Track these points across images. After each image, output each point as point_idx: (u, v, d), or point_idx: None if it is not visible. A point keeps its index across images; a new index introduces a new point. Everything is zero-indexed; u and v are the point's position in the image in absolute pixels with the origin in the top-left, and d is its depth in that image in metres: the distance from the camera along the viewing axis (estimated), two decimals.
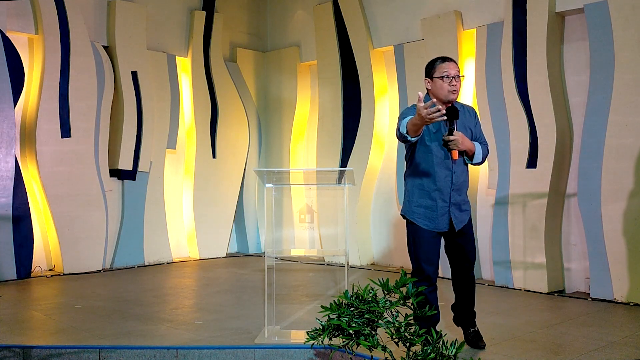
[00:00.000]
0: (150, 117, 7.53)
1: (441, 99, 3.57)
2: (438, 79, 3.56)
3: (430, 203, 3.61)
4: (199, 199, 8.09)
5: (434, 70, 3.60)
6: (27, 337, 4.20)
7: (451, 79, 3.53)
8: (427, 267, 3.62)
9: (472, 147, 3.59)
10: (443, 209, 3.61)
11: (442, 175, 3.59)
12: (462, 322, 3.92)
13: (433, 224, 3.62)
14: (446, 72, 3.54)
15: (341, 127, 7.66)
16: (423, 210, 3.62)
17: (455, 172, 3.61)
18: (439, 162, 3.59)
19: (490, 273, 6.31)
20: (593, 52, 5.46)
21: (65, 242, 6.77)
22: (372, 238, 7.62)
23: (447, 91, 3.54)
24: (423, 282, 3.55)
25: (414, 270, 3.69)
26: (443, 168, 3.59)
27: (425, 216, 3.62)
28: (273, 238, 4.46)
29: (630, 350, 3.79)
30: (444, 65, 3.57)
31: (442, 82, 3.55)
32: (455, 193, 3.63)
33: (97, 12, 7.32)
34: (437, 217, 3.61)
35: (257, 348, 3.79)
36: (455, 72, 3.56)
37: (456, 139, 3.49)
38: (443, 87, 3.55)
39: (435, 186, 3.60)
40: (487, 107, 6.20)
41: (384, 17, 7.36)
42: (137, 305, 5.21)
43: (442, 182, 3.59)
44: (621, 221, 5.22)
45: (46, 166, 6.67)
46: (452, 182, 3.60)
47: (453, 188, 3.60)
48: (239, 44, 8.81)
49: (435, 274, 3.68)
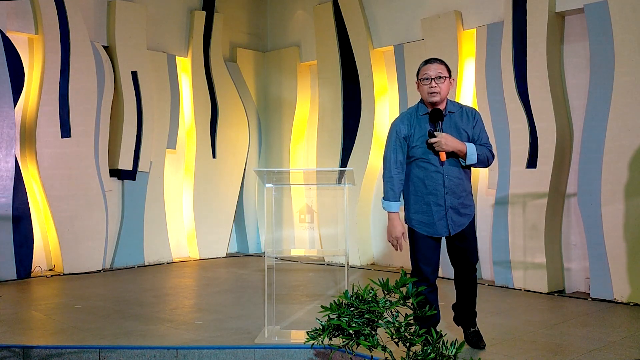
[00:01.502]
0: (150, 117, 7.53)
1: (425, 101, 3.62)
2: (420, 81, 3.61)
3: (425, 208, 3.61)
4: (199, 199, 8.09)
5: (419, 73, 3.64)
6: (27, 337, 4.19)
7: (430, 80, 3.54)
8: (425, 268, 3.62)
9: (461, 148, 3.54)
10: (439, 213, 3.59)
11: (433, 178, 3.58)
12: (462, 321, 3.92)
13: (432, 230, 3.62)
14: (425, 74, 3.57)
15: (341, 127, 7.66)
16: (420, 216, 3.63)
17: (446, 175, 3.57)
18: (429, 166, 3.59)
19: (490, 273, 6.31)
20: (593, 52, 5.46)
21: (65, 242, 6.77)
22: (372, 238, 7.62)
23: (427, 93, 3.56)
24: (422, 283, 3.56)
25: (412, 271, 3.70)
26: (433, 172, 3.58)
27: (423, 222, 3.62)
28: (273, 238, 4.46)
29: (630, 350, 3.79)
30: (425, 67, 3.60)
31: (423, 84, 3.58)
32: (450, 196, 3.59)
33: (97, 12, 7.32)
34: (434, 222, 3.60)
35: (257, 348, 3.79)
36: (436, 73, 3.55)
37: (438, 141, 3.49)
38: (424, 90, 3.58)
39: (427, 190, 3.60)
40: (487, 107, 6.20)
41: (384, 17, 7.36)
42: (137, 305, 5.21)
43: (433, 185, 3.58)
44: (621, 221, 5.22)
45: (46, 166, 6.67)
46: (444, 184, 3.57)
47: (446, 191, 3.57)
48: (239, 44, 8.81)
49: (434, 275, 3.68)
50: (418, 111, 3.67)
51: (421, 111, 3.65)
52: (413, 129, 3.61)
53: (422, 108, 3.66)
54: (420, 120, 3.63)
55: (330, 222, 7.74)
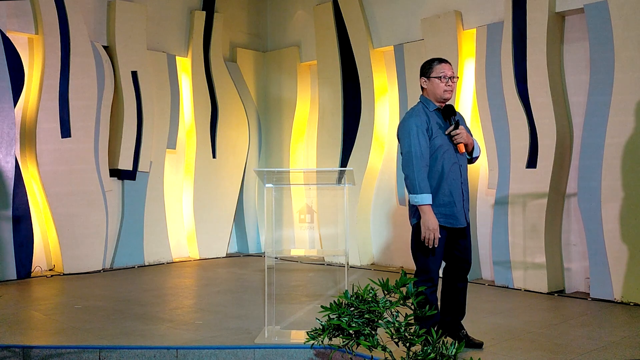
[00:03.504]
0: (150, 117, 7.53)
1: (436, 97, 3.73)
2: (435, 78, 3.71)
3: (448, 200, 3.67)
4: (199, 199, 8.09)
5: (432, 70, 3.74)
6: (27, 337, 4.19)
7: (447, 79, 3.70)
8: (433, 267, 3.65)
9: (472, 142, 3.80)
10: (460, 204, 3.70)
11: (453, 169, 3.70)
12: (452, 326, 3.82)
13: (455, 221, 3.68)
14: (443, 73, 3.70)
15: (341, 127, 7.66)
16: (442, 208, 3.65)
17: (461, 165, 3.75)
18: (450, 158, 3.69)
19: (490, 273, 6.31)
20: (593, 52, 5.46)
21: (65, 242, 6.77)
22: (372, 238, 7.62)
23: (443, 90, 3.70)
24: (426, 282, 3.59)
25: (419, 270, 3.69)
26: (453, 163, 3.70)
27: (446, 214, 3.66)
28: (273, 238, 4.46)
29: (630, 350, 3.79)
30: (441, 66, 3.73)
31: (439, 81, 3.70)
32: (465, 186, 3.76)
33: (97, 12, 7.32)
34: (456, 212, 3.68)
35: (257, 348, 3.79)
36: (452, 73, 3.73)
37: (462, 133, 3.66)
38: (439, 87, 3.70)
39: (449, 181, 3.67)
40: (487, 107, 6.20)
41: (384, 17, 7.36)
42: (137, 305, 5.21)
43: (453, 176, 3.69)
44: (621, 221, 5.22)
45: (46, 166, 6.67)
46: (461, 174, 3.73)
47: (462, 181, 3.74)
48: (239, 44, 8.81)
49: (438, 275, 3.71)
50: (428, 107, 3.75)
51: (431, 107, 3.74)
52: (429, 122, 3.69)
53: (430, 104, 3.75)
54: (432, 114, 3.73)
55: (330, 222, 7.74)
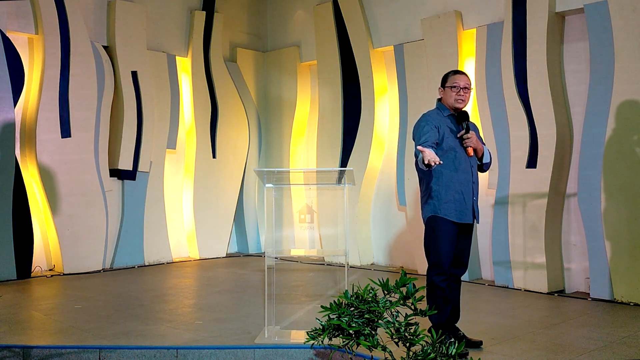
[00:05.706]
0: (150, 117, 7.53)
1: (450, 106, 3.93)
2: (448, 88, 3.93)
3: (458, 196, 3.84)
4: (199, 199, 8.09)
5: (447, 81, 3.97)
6: (27, 337, 4.19)
7: (459, 89, 3.89)
8: (445, 262, 3.79)
9: (482, 148, 3.96)
10: (469, 201, 3.87)
11: (465, 170, 3.87)
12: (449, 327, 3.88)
13: (464, 215, 3.85)
14: (456, 83, 3.91)
15: (341, 127, 7.66)
16: (451, 204, 3.83)
17: (473, 166, 3.93)
18: (462, 159, 3.85)
19: (490, 273, 6.31)
20: (593, 52, 5.46)
21: (65, 242, 6.76)
22: (372, 238, 7.61)
23: (454, 100, 3.90)
24: (440, 276, 3.78)
25: (432, 264, 3.85)
26: (464, 164, 3.85)
27: (455, 209, 3.83)
28: (273, 238, 4.46)
29: (630, 350, 3.79)
30: (456, 77, 3.96)
31: (451, 91, 3.91)
32: (476, 186, 3.94)
33: (97, 12, 7.32)
34: (465, 209, 3.85)
35: (257, 348, 3.79)
36: (465, 84, 3.91)
37: (472, 137, 3.84)
38: (451, 96, 3.91)
39: (459, 180, 3.85)
40: (487, 107, 6.20)
41: (384, 17, 7.36)
42: (137, 305, 5.21)
43: (464, 176, 3.87)
44: (621, 221, 5.22)
45: (46, 166, 6.67)
46: (472, 174, 3.90)
47: (473, 180, 3.91)
48: (239, 44, 8.81)
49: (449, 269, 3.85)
50: (442, 112, 3.95)
51: (445, 112, 3.94)
52: (441, 125, 3.87)
53: (445, 110, 3.95)
54: (445, 119, 3.92)
55: (330, 222, 7.73)
